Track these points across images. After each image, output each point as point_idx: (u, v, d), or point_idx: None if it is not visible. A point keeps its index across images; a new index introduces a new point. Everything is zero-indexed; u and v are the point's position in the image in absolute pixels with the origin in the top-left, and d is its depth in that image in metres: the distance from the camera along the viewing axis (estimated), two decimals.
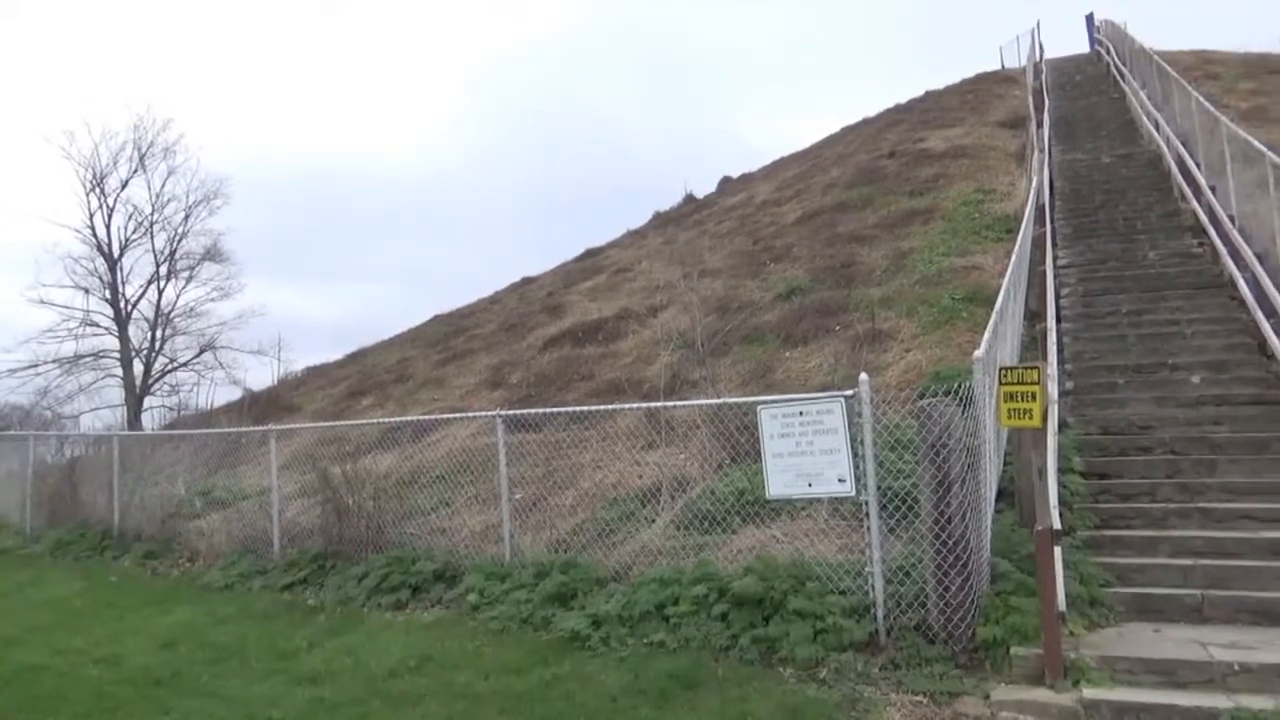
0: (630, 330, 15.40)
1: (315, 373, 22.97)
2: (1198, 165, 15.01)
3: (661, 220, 25.40)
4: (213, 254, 38.58)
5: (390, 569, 9.34)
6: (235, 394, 26.45)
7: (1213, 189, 13.93)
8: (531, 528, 9.45)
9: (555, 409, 11.03)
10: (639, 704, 6.03)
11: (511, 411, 9.98)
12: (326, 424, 14.60)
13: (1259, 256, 11.41)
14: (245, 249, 79.61)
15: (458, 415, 11.85)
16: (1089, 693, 5.67)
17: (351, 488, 10.45)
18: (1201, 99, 16.05)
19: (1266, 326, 9.89)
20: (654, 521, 8.73)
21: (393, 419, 13.48)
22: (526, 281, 24.39)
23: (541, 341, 16.71)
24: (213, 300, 38.48)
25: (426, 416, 13.00)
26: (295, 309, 62.07)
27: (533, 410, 10.79)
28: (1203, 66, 23.58)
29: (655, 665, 6.56)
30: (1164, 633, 6.49)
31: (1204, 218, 13.21)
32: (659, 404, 9.50)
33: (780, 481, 6.98)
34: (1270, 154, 11.59)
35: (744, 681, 6.25)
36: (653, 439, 10.27)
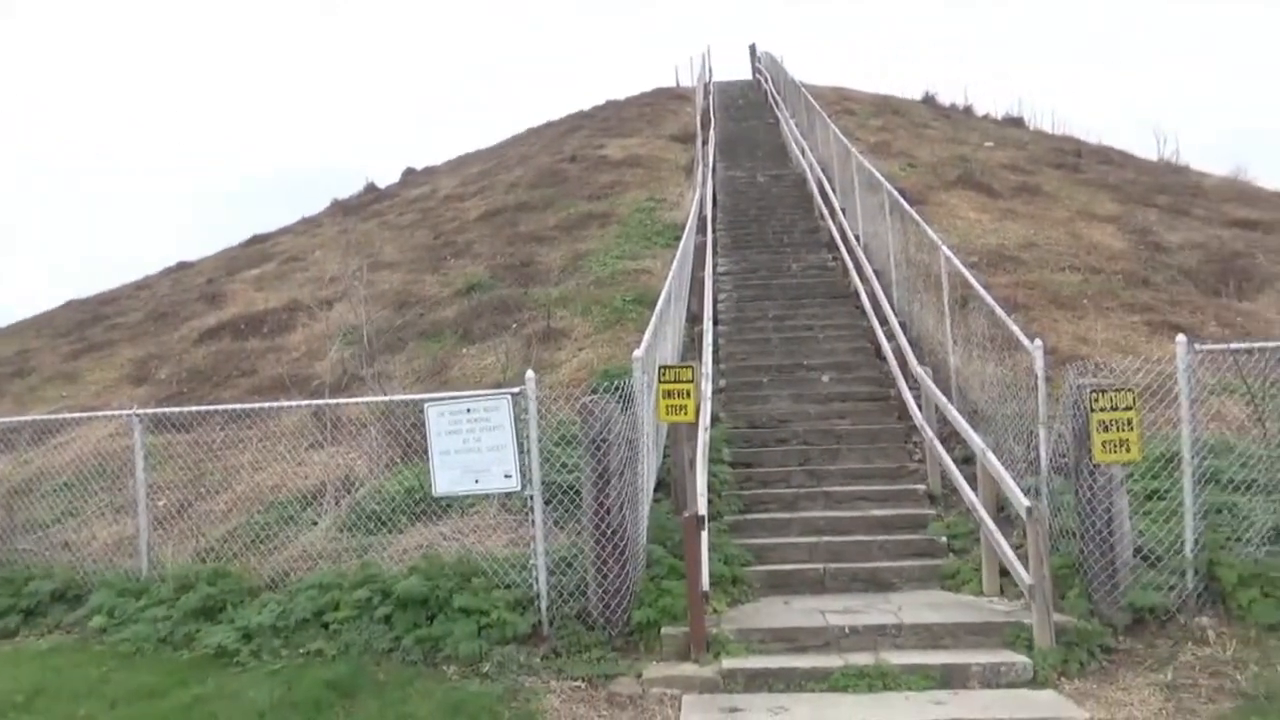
0: (299, 323, 14.53)
1: None
2: (834, 189, 17.00)
3: (339, 209, 24.23)
4: None
5: None
6: None
7: (844, 211, 15.85)
8: (176, 537, 8.63)
9: (209, 407, 10.14)
10: (290, 717, 5.71)
11: (154, 410, 9.06)
12: None
13: (877, 273, 13.16)
14: None
15: (88, 415, 10.50)
16: (728, 663, 6.21)
17: None
18: (838, 131, 18.19)
19: (880, 333, 11.43)
20: (316, 524, 8.31)
21: (6, 419, 11.64)
22: (183, 267, 22.16)
23: (197, 333, 15.28)
24: None
25: (50, 415, 11.38)
26: None
27: (182, 409, 9.85)
28: (842, 102, 26.67)
29: (311, 675, 6.25)
30: (792, 604, 7.28)
31: (837, 236, 14.96)
32: (324, 401, 9.05)
33: (447, 478, 6.94)
34: (887, 184, 13.41)
35: (406, 683, 6.14)
36: (319, 438, 9.78)
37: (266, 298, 16.46)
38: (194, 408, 9.93)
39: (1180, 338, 6.79)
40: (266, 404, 9.48)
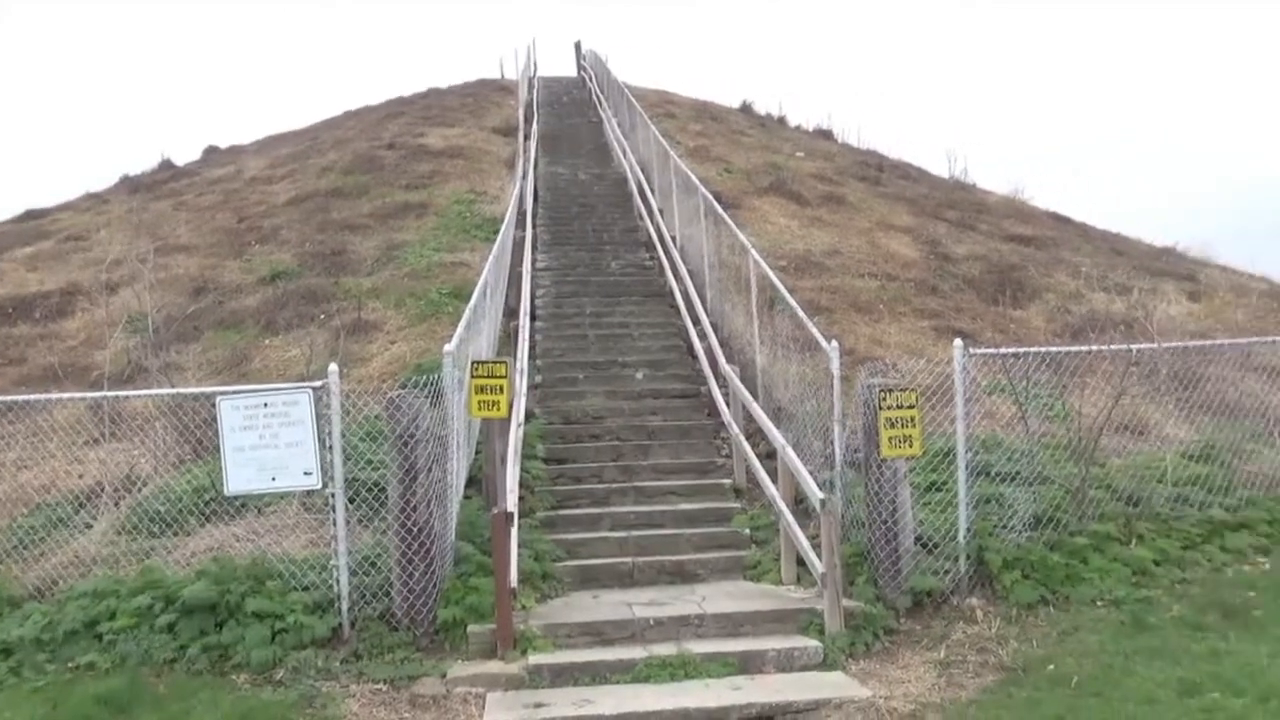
0: (79, 308, 13.35)
1: None
2: (653, 190, 17.32)
3: (131, 186, 22.35)
4: None
5: None
6: None
7: (663, 212, 16.18)
8: None
9: None
10: None
11: None
12: None
13: (692, 273, 13.52)
14: None
15: None
16: (534, 659, 6.21)
17: None
18: (658, 134, 18.52)
19: (692, 332, 11.75)
20: (91, 527, 7.66)
21: None
22: None
23: None
24: None
25: None
26: None
27: None
28: (665, 105, 27.16)
29: (80, 691, 5.77)
30: (601, 598, 7.36)
31: (655, 236, 15.25)
32: (104, 394, 8.32)
33: (241, 476, 6.57)
34: (703, 188, 13.80)
35: (189, 695, 5.77)
36: (98, 434, 9.01)
37: (41, 279, 15.01)
38: None
39: (957, 342, 7.38)
40: (35, 396, 8.62)
